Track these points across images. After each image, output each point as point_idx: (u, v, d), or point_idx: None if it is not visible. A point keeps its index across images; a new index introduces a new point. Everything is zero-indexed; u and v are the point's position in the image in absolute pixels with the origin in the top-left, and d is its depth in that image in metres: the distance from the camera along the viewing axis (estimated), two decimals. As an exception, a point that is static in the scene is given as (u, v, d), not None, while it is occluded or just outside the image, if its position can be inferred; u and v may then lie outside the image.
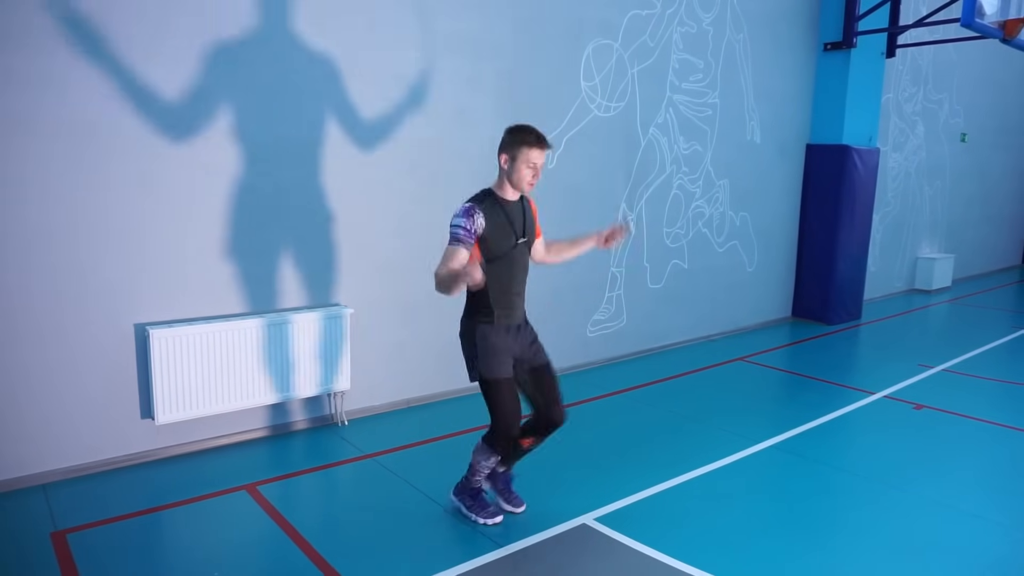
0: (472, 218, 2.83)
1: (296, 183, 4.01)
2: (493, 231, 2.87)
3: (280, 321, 3.93)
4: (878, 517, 3.33)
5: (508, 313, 2.97)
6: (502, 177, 2.92)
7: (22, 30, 3.13)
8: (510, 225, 2.92)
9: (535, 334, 3.14)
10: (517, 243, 2.95)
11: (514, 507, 3.25)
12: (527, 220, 3.01)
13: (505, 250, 2.92)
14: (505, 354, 2.97)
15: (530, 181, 2.88)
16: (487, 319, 2.95)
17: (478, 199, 2.91)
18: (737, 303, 6.96)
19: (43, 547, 2.88)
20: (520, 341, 3.04)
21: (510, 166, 2.87)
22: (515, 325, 3.01)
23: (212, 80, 3.65)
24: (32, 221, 3.25)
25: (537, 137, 2.84)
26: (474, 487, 3.20)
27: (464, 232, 2.82)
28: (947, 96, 9.62)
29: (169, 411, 3.62)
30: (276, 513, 3.22)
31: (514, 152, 2.84)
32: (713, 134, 6.34)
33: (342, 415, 4.33)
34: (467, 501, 3.20)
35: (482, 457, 3.11)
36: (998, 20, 5.89)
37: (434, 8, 4.41)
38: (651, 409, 4.77)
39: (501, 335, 2.96)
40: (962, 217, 10.62)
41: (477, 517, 3.15)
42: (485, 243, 2.88)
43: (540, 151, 2.84)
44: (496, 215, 2.89)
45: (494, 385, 2.95)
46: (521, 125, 2.89)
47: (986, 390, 5.38)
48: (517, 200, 2.98)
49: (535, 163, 2.85)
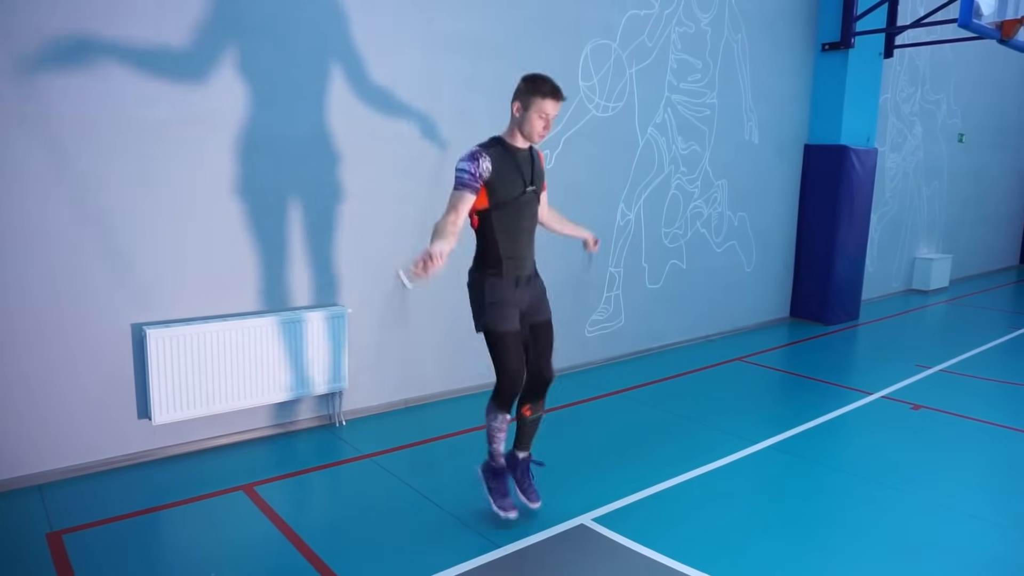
0: (477, 162, 2.79)
1: (294, 183, 4.00)
2: (500, 176, 2.84)
3: (278, 321, 3.93)
4: (876, 517, 3.33)
5: (517, 264, 2.95)
6: (513, 125, 2.91)
7: (21, 29, 3.11)
8: (518, 172, 2.89)
9: (543, 287, 3.12)
10: (525, 190, 2.92)
11: (529, 500, 3.21)
12: (535, 169, 2.99)
13: (513, 196, 2.89)
14: (512, 307, 2.94)
15: (541, 132, 2.87)
16: (496, 271, 2.92)
17: (486, 144, 2.88)
18: (735, 303, 6.97)
19: (39, 548, 2.87)
20: (528, 293, 3.02)
21: (522, 115, 2.86)
22: (525, 276, 2.99)
23: (212, 80, 3.64)
24: (29, 220, 3.24)
25: (552, 88, 2.82)
26: (495, 463, 3.16)
27: (469, 176, 2.79)
28: (945, 96, 9.64)
29: (166, 411, 3.61)
30: (273, 514, 3.21)
31: (528, 101, 2.83)
32: (711, 134, 6.35)
33: (340, 415, 4.33)
34: (490, 482, 3.18)
35: (491, 418, 3.07)
36: (995, 21, 5.90)
37: (433, 8, 4.41)
38: (649, 409, 4.77)
39: (510, 288, 2.94)
40: (960, 217, 10.64)
41: (492, 502, 3.13)
42: (492, 188, 2.85)
43: (554, 102, 2.83)
44: (504, 161, 2.86)
45: (499, 338, 2.92)
46: (537, 74, 2.87)
47: (983, 390, 5.39)
48: (526, 149, 2.96)
49: (548, 114, 2.83)
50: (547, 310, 3.13)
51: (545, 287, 3.14)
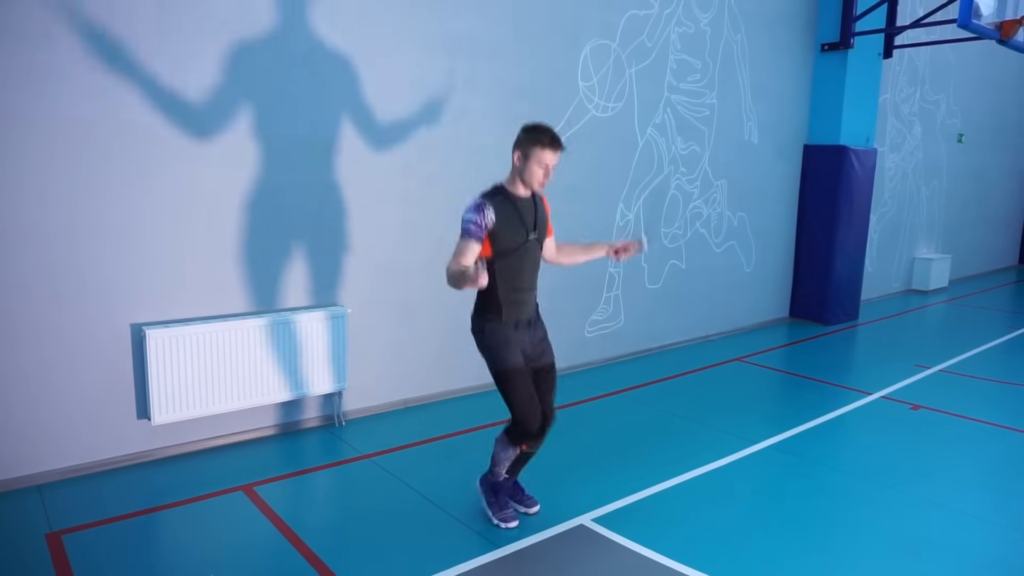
0: (482, 212, 2.84)
1: (294, 183, 4.00)
2: (503, 226, 2.88)
3: (278, 321, 3.92)
4: (875, 517, 3.33)
5: (517, 310, 2.99)
6: (514, 173, 2.94)
7: (21, 28, 3.11)
8: (520, 220, 2.93)
9: (545, 331, 3.15)
10: (528, 239, 2.96)
11: (527, 508, 3.26)
12: (539, 217, 3.02)
13: (515, 245, 2.93)
14: (515, 345, 2.98)
15: (541, 180, 2.91)
16: (495, 316, 2.96)
17: (489, 194, 2.92)
18: (735, 303, 6.97)
19: (38, 548, 2.87)
20: (529, 337, 3.05)
21: (523, 163, 2.90)
22: (525, 319, 3.03)
23: (210, 80, 3.64)
24: (29, 220, 3.24)
25: (551, 138, 2.87)
26: (496, 479, 3.20)
27: (475, 227, 2.83)
28: (944, 97, 9.64)
29: (166, 411, 3.61)
30: (273, 514, 3.21)
31: (527, 151, 2.87)
32: (711, 134, 6.35)
33: (340, 415, 4.32)
34: (488, 496, 3.22)
35: (501, 449, 3.11)
36: (995, 21, 5.90)
37: (432, 9, 4.40)
38: (649, 409, 4.77)
39: (511, 329, 2.97)
40: (959, 217, 10.65)
41: (493, 516, 3.16)
42: (495, 238, 2.89)
43: (553, 152, 2.87)
44: (506, 210, 2.90)
45: (507, 376, 2.95)
46: (537, 125, 2.91)
47: (983, 390, 5.39)
48: (528, 197, 2.99)
49: (547, 163, 2.88)
50: (550, 354, 3.16)
51: (547, 330, 3.16)
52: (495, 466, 3.16)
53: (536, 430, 3.02)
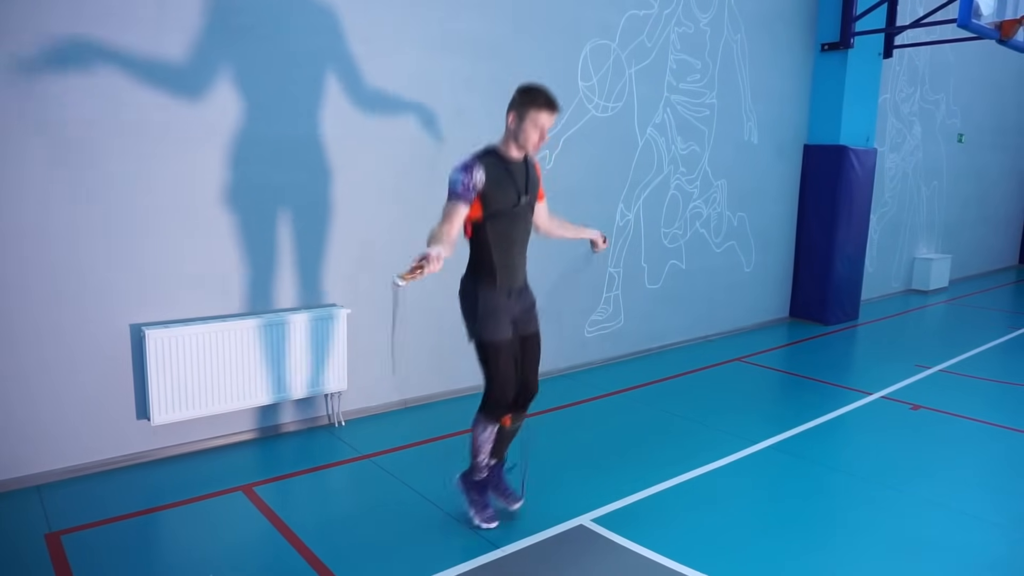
0: (471, 173, 2.76)
1: (293, 183, 4.00)
2: (494, 187, 2.82)
3: (277, 322, 3.92)
4: (875, 517, 3.33)
5: (510, 274, 2.93)
6: (508, 135, 2.87)
7: (22, 28, 3.11)
8: (512, 183, 2.87)
9: (534, 299, 3.09)
10: (519, 202, 2.90)
11: (507, 502, 3.18)
12: (530, 180, 2.96)
13: (506, 207, 2.86)
14: (505, 316, 2.92)
15: (536, 143, 2.84)
16: (489, 280, 2.90)
17: (479, 154, 2.85)
18: (735, 303, 6.97)
19: (37, 548, 2.87)
20: (519, 304, 3.00)
21: (517, 125, 2.83)
22: (517, 287, 2.98)
23: (210, 80, 3.64)
24: (27, 221, 3.24)
25: (547, 100, 2.80)
26: (478, 475, 3.15)
27: (462, 187, 2.76)
28: (944, 97, 9.64)
29: (165, 412, 3.61)
30: (272, 514, 3.21)
31: (523, 112, 2.80)
32: (711, 134, 6.34)
33: (339, 416, 4.32)
34: (471, 495, 3.16)
35: (479, 430, 3.04)
36: (995, 21, 5.90)
37: (431, 8, 4.40)
38: (649, 409, 4.77)
39: (502, 297, 2.92)
40: (959, 217, 10.64)
41: (474, 516, 3.12)
42: (486, 199, 2.82)
43: (549, 114, 2.80)
44: (498, 171, 2.83)
45: (492, 348, 2.90)
46: (533, 85, 2.84)
47: (983, 390, 5.39)
48: (520, 160, 2.94)
49: (543, 125, 2.81)
50: (536, 323, 3.09)
51: (535, 299, 3.11)
52: (476, 455, 3.09)
53: (511, 403, 2.98)
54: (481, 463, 3.12)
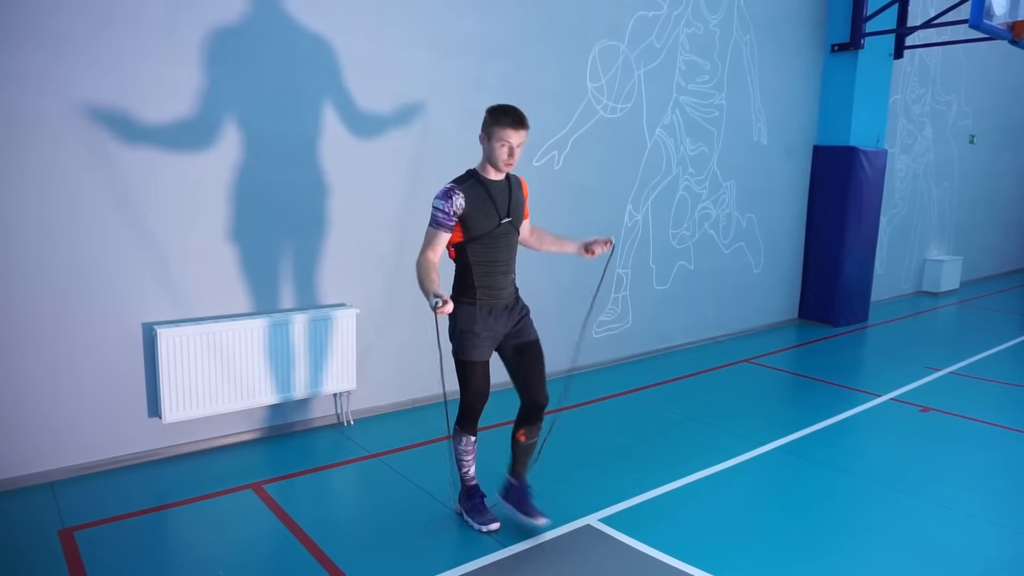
0: (450, 199, 2.80)
1: (303, 182, 4.03)
2: (474, 211, 2.84)
3: (287, 321, 3.95)
4: (884, 520, 3.32)
5: (492, 293, 2.95)
6: (483, 157, 2.90)
7: (24, 28, 3.14)
8: (493, 205, 2.89)
9: (526, 310, 3.09)
10: (500, 223, 2.91)
11: (534, 519, 3.06)
12: (513, 200, 2.96)
13: (487, 230, 2.89)
14: (485, 337, 2.95)
15: (506, 160, 2.83)
16: (470, 300, 2.93)
17: (459, 180, 2.88)
18: (743, 304, 6.95)
19: (51, 544, 2.90)
20: (506, 321, 3.01)
21: (487, 144, 2.85)
22: (501, 305, 2.98)
23: (217, 78, 3.67)
24: (41, 221, 3.28)
25: (513, 118, 2.79)
26: (467, 485, 3.17)
27: (443, 215, 2.81)
28: (956, 97, 9.58)
29: (176, 410, 3.64)
30: (282, 512, 3.23)
31: (490, 131, 2.82)
32: (720, 135, 6.34)
33: (348, 415, 4.35)
34: (464, 504, 3.18)
35: (456, 441, 3.10)
36: (1007, 21, 5.87)
37: (440, 8, 4.42)
38: (656, 410, 4.77)
39: (483, 317, 2.94)
40: (970, 219, 10.57)
41: (473, 522, 3.12)
42: (466, 224, 2.86)
43: (515, 130, 2.79)
44: (478, 194, 2.85)
45: (467, 366, 2.97)
46: (500, 105, 2.86)
47: (993, 393, 5.36)
48: (502, 179, 2.94)
49: (510, 142, 2.80)
50: (531, 331, 3.10)
51: (529, 310, 3.11)
52: (460, 469, 3.15)
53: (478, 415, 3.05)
54: (467, 475, 3.17)
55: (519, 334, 3.05)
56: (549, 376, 3.15)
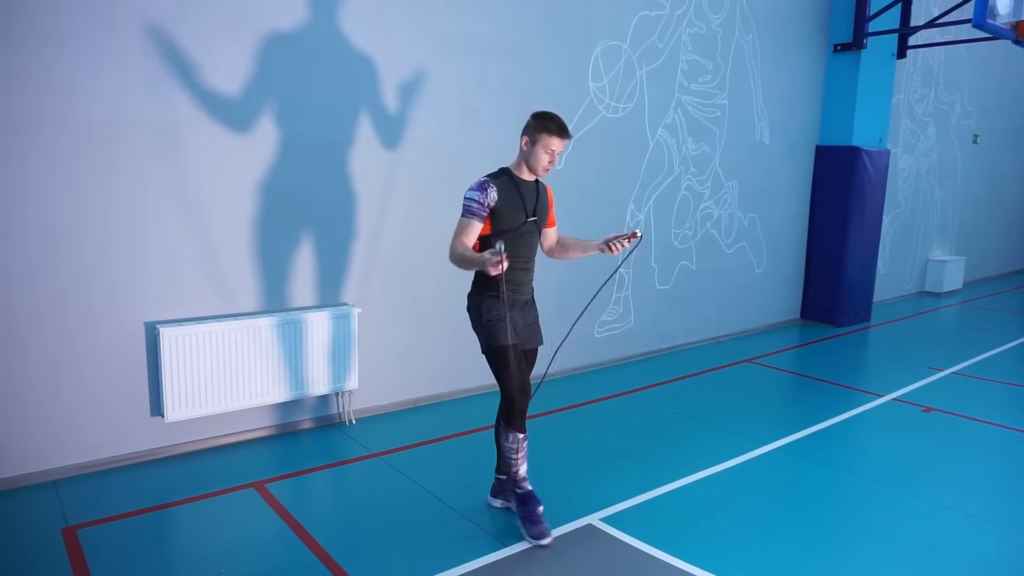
0: (485, 192, 2.93)
1: (305, 182, 4.03)
2: (504, 206, 2.96)
3: (289, 320, 3.96)
4: (886, 520, 3.31)
5: (514, 288, 3.04)
6: (520, 158, 3.03)
7: (24, 30, 3.15)
8: (522, 202, 3.01)
9: (537, 315, 3.22)
10: (527, 220, 3.03)
11: (538, 539, 2.97)
12: (540, 202, 3.10)
13: (513, 225, 3.00)
14: (510, 323, 3.01)
15: (545, 166, 2.99)
16: (493, 293, 3.00)
17: (494, 175, 3.02)
18: (745, 304, 6.95)
19: (54, 542, 2.91)
20: (523, 319, 3.12)
21: (529, 148, 2.98)
22: (521, 301, 3.10)
23: (221, 78, 3.67)
24: (42, 221, 3.28)
25: (559, 126, 2.94)
26: (520, 488, 3.08)
27: (477, 205, 2.92)
28: (959, 97, 9.57)
29: (179, 409, 3.65)
30: (284, 511, 3.24)
31: (535, 136, 2.95)
32: (722, 135, 6.33)
33: (350, 414, 4.35)
34: (518, 508, 3.09)
35: (505, 440, 3.06)
36: (1011, 21, 5.86)
37: (442, 8, 4.43)
38: (658, 410, 4.77)
39: (505, 308, 3.01)
40: (973, 219, 10.56)
41: (526, 532, 3.00)
42: (495, 216, 2.97)
43: (560, 140, 2.95)
44: (509, 191, 2.98)
45: (500, 353, 2.98)
46: (545, 112, 3.00)
47: (996, 394, 5.35)
48: (532, 182, 3.08)
49: (553, 150, 2.96)
50: (538, 337, 3.21)
51: (538, 316, 3.22)
52: (511, 467, 3.08)
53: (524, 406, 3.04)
54: (520, 475, 3.10)
55: (527, 340, 3.15)
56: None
